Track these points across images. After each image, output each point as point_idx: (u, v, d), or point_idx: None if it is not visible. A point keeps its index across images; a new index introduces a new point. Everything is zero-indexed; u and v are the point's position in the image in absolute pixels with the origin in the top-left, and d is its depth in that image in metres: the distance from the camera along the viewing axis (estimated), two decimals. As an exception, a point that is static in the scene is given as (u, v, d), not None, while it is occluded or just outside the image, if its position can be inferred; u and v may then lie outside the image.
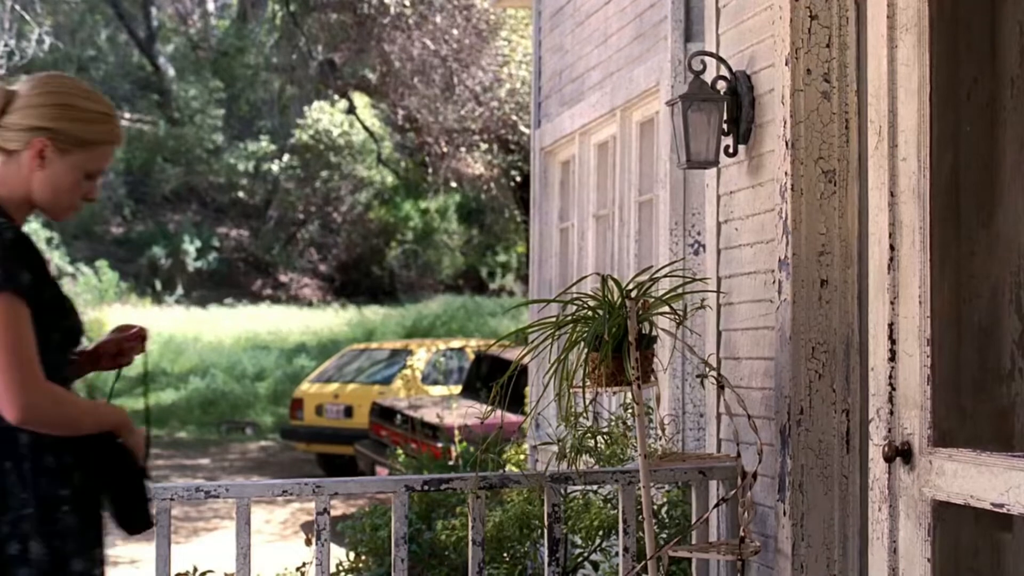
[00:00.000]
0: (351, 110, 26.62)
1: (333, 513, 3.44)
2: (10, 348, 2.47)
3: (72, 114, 2.69)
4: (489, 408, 3.84)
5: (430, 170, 22.72)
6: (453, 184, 23.40)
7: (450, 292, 28.68)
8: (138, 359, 3.02)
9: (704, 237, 4.71)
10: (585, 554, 5.05)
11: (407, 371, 14.08)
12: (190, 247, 29.42)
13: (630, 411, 4.47)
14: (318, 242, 31.03)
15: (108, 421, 2.69)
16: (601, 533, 4.82)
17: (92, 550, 2.67)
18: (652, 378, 3.73)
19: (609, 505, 4.85)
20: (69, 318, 2.68)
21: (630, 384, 3.62)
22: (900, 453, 3.16)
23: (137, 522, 2.74)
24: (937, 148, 3.17)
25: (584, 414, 4.22)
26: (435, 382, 14.46)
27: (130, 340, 2.96)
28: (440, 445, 9.45)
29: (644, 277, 3.78)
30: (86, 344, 2.90)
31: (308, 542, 5.05)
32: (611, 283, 3.68)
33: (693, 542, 3.99)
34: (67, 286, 25.32)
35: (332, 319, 27.18)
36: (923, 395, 3.12)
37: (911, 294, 3.17)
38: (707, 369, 3.98)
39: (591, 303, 3.73)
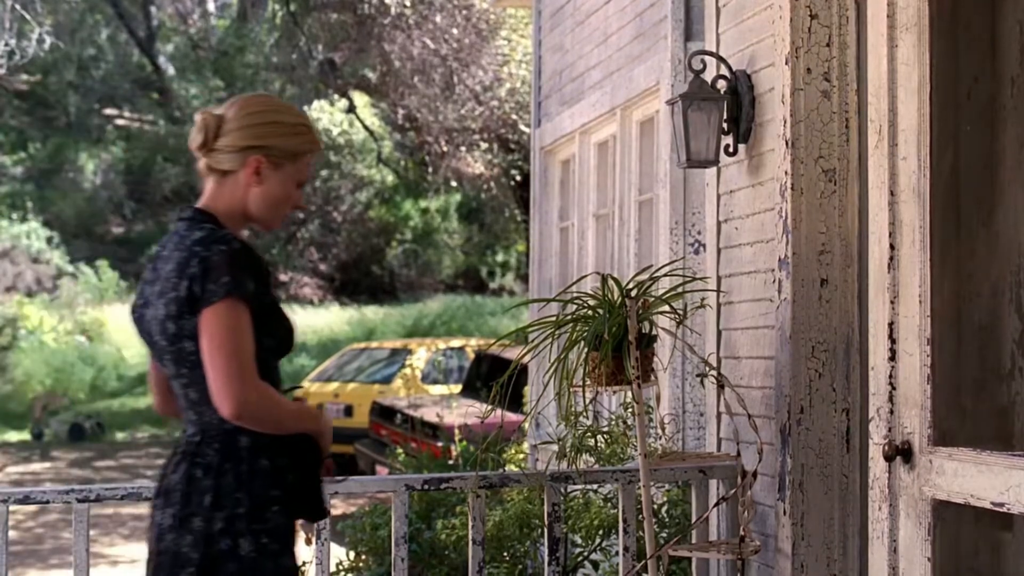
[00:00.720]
0: (351, 109, 26.61)
1: (333, 512, 3.44)
2: (231, 349, 2.66)
3: (280, 130, 2.87)
4: (489, 407, 3.84)
5: (430, 169, 22.72)
6: (453, 183, 23.41)
7: (450, 291, 28.67)
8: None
9: (704, 236, 4.71)
10: (585, 553, 5.05)
11: (407, 370, 14.08)
12: (190, 247, 29.40)
13: (630, 410, 4.46)
14: (318, 241, 31.01)
15: (307, 423, 2.88)
16: (601, 532, 4.82)
17: (293, 549, 2.83)
18: (652, 377, 3.73)
19: (609, 504, 4.85)
20: (283, 326, 2.85)
21: (630, 383, 3.62)
22: (900, 452, 3.17)
23: (321, 513, 2.97)
24: (937, 147, 3.17)
25: (584, 413, 4.22)
26: (435, 381, 14.46)
27: None
28: (440, 444, 9.46)
29: (644, 276, 3.78)
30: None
31: (308, 541, 5.04)
32: (611, 282, 3.68)
33: (693, 541, 3.99)
34: (67, 285, 25.34)
35: (332, 318, 27.17)
36: (923, 394, 3.12)
37: (911, 293, 3.17)
38: (707, 368, 3.98)
39: (591, 302, 3.73)
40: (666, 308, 3.75)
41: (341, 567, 6.24)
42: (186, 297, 2.71)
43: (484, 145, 20.63)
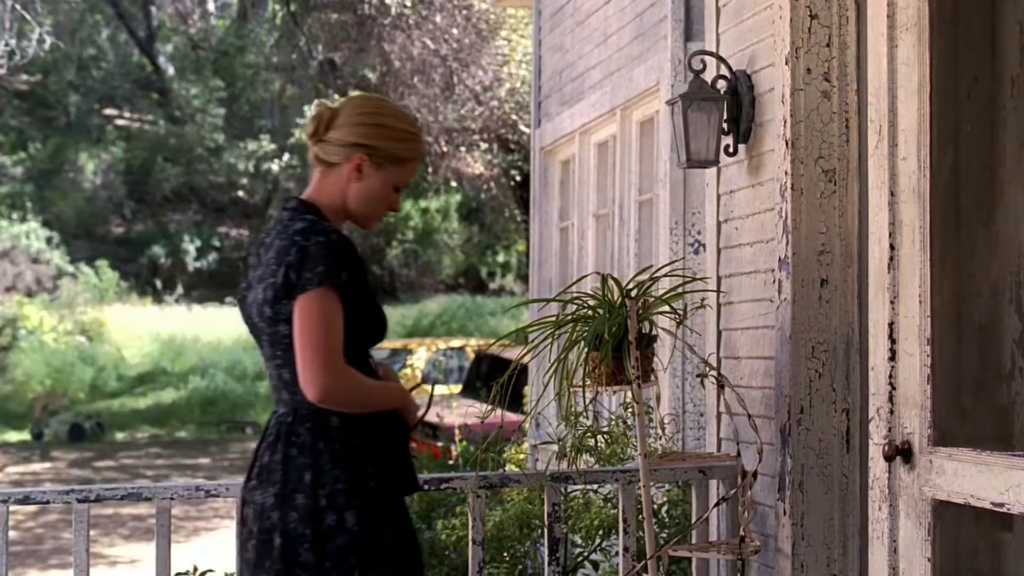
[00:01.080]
0: (351, 110, 26.56)
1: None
2: (319, 335, 2.80)
3: (388, 133, 3.01)
4: (489, 407, 3.84)
5: (430, 169, 22.70)
6: (453, 183, 23.39)
7: (450, 291, 28.68)
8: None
9: (704, 236, 4.71)
10: (585, 553, 5.05)
11: (407, 370, 14.08)
12: (190, 246, 29.42)
13: (630, 410, 4.47)
14: (318, 241, 30.97)
15: (393, 400, 3.00)
16: (601, 532, 4.82)
17: (396, 522, 2.94)
18: (652, 377, 3.73)
19: (609, 504, 4.85)
20: (376, 316, 2.98)
21: (630, 383, 3.62)
22: (900, 452, 3.16)
23: (414, 486, 3.09)
24: (937, 147, 3.17)
25: (584, 413, 4.22)
26: (435, 381, 14.45)
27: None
28: (440, 444, 9.46)
29: (644, 276, 3.78)
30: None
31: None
32: (611, 282, 3.68)
33: (693, 541, 3.99)
34: (67, 286, 25.33)
35: (332, 318, 27.11)
36: (923, 394, 3.12)
37: (911, 293, 3.17)
38: (707, 368, 3.98)
39: (591, 302, 3.72)
40: (666, 308, 3.75)
41: (341, 567, 6.23)
42: (283, 283, 2.85)
43: (484, 145, 20.63)
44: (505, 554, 5.29)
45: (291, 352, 2.87)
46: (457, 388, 13.51)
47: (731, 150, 4.06)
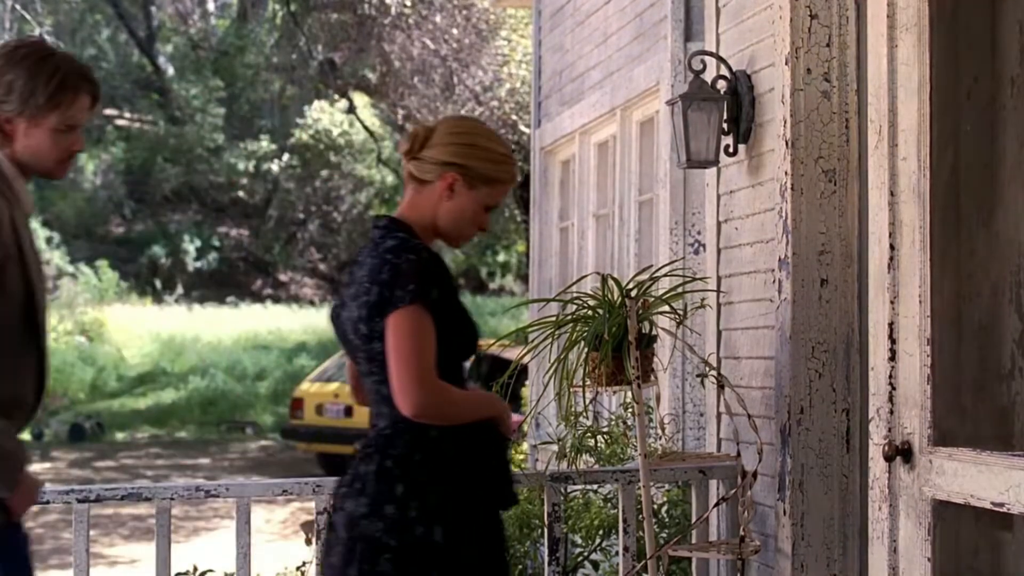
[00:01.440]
0: (351, 110, 26.61)
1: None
2: (411, 352, 2.86)
3: (481, 154, 3.05)
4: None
5: (430, 169, 22.65)
6: (453, 183, 23.35)
7: (450, 291, 28.63)
8: None
9: (704, 236, 4.71)
10: (585, 553, 5.05)
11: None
12: (190, 247, 29.43)
13: (630, 410, 4.46)
14: (318, 242, 31.02)
15: (486, 410, 3.03)
16: (601, 532, 4.82)
17: (486, 539, 2.99)
18: (652, 377, 3.73)
19: (609, 504, 4.85)
20: (468, 330, 3.03)
21: (630, 383, 3.62)
22: (900, 452, 3.16)
23: (511, 499, 3.12)
24: (937, 147, 3.17)
25: (584, 413, 4.22)
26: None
27: None
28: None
29: (644, 276, 3.78)
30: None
31: (308, 541, 5.04)
32: (611, 282, 3.68)
33: (693, 541, 3.99)
34: (67, 286, 25.33)
35: (332, 319, 27.12)
36: (923, 394, 3.12)
37: (911, 293, 3.17)
38: (707, 368, 3.98)
39: (591, 302, 3.73)
40: (666, 308, 3.75)
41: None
42: (376, 301, 2.91)
43: (484, 145, 20.60)
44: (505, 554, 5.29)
45: (387, 368, 2.92)
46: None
47: (731, 150, 4.06)
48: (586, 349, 3.71)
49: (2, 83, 2.83)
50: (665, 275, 4.02)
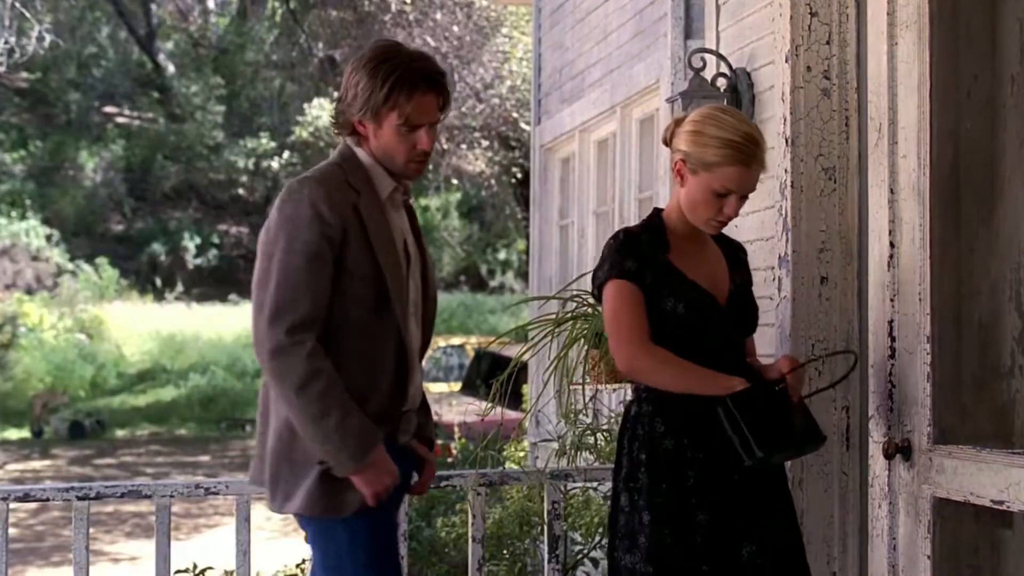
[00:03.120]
0: (351, 107, 26.55)
1: (333, 510, 3.43)
2: (614, 321, 3.08)
3: (700, 139, 3.09)
4: (489, 405, 3.84)
5: (430, 167, 22.70)
6: (454, 181, 23.39)
7: (450, 289, 28.67)
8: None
9: (704, 234, 4.69)
10: (585, 551, 5.05)
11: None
12: (190, 244, 29.41)
13: (630, 408, 4.45)
14: (318, 239, 30.93)
15: (711, 386, 3.03)
16: (601, 530, 4.82)
17: (717, 504, 3.03)
18: (652, 375, 3.72)
19: (609, 502, 4.85)
20: (687, 295, 3.10)
21: (630, 381, 3.62)
22: (900, 450, 3.16)
23: (816, 436, 3.08)
24: (937, 145, 3.17)
25: (584, 411, 4.22)
26: (435, 379, 14.45)
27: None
28: (440, 442, 9.45)
29: (644, 274, 3.77)
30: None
31: (307, 539, 5.04)
32: (611, 280, 3.68)
33: (693, 539, 3.97)
34: (67, 283, 25.34)
35: (332, 316, 27.09)
36: (923, 392, 3.12)
37: (911, 291, 3.17)
38: (707, 366, 3.96)
39: (591, 300, 3.72)
40: (666, 306, 3.74)
41: (341, 565, 6.24)
42: (593, 280, 3.20)
43: (484, 143, 20.62)
44: (505, 551, 5.30)
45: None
46: (457, 386, 13.50)
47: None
48: (586, 347, 3.71)
49: (351, 87, 3.03)
50: (665, 273, 4.01)
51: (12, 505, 3.70)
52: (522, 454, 7.75)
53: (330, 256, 2.93)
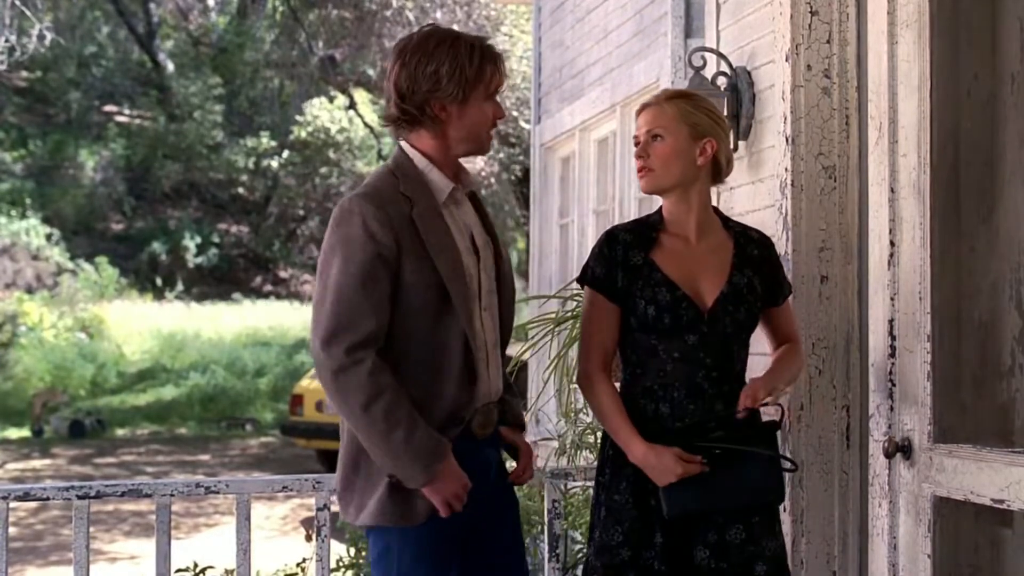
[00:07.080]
0: (351, 106, 26.60)
1: (333, 509, 3.44)
2: (583, 330, 3.14)
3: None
4: (489, 404, 3.82)
5: (430, 166, 22.63)
6: (453, 180, 23.34)
7: (450, 288, 28.62)
8: None
9: (704, 233, 4.69)
10: (585, 550, 5.05)
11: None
12: (190, 243, 29.40)
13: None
14: (318, 238, 30.95)
15: (623, 443, 3.07)
16: (601, 529, 4.81)
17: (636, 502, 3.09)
18: (652, 374, 3.72)
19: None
20: (653, 303, 3.06)
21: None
22: (900, 449, 3.17)
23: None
24: (937, 144, 3.17)
25: (584, 410, 4.22)
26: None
27: None
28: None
29: (644, 273, 3.77)
30: None
31: (308, 538, 5.05)
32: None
33: (693, 538, 3.98)
34: (67, 282, 25.34)
35: (332, 315, 27.07)
36: (923, 391, 3.12)
37: (911, 290, 3.17)
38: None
39: (591, 299, 3.71)
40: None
41: (341, 563, 6.25)
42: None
43: (484, 141, 20.60)
44: (505, 551, 5.28)
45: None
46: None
47: (731, 147, 4.05)
48: (586, 346, 3.70)
49: (428, 76, 2.97)
50: (665, 272, 4.00)
51: (12, 504, 3.70)
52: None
53: (385, 274, 2.88)
